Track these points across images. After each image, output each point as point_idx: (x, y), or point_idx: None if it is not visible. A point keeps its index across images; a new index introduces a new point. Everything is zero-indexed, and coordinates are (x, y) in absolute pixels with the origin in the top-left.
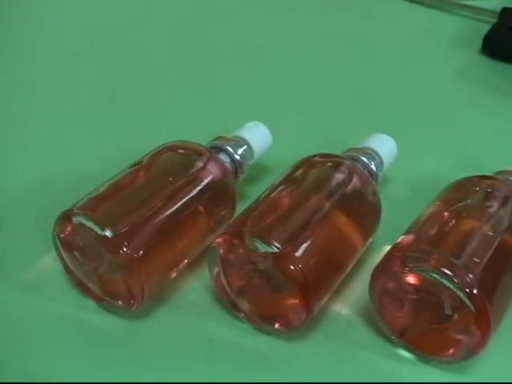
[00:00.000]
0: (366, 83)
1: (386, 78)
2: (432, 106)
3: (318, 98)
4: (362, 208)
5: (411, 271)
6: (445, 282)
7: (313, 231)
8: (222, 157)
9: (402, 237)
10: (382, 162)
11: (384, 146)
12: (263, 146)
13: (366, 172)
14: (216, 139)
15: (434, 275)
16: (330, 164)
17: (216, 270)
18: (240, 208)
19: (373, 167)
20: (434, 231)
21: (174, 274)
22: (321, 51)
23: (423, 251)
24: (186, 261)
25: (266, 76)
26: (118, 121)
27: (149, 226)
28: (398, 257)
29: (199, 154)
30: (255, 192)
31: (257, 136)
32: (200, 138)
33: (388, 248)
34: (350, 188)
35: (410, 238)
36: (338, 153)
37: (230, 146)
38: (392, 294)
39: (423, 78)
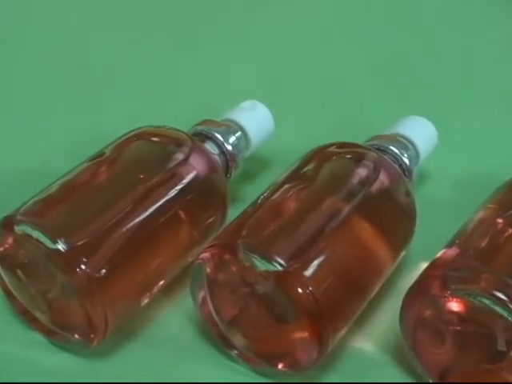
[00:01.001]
0: (395, 51)
1: (423, 45)
2: (483, 82)
3: (332, 70)
4: (392, 213)
5: (454, 295)
6: (498, 309)
7: (327, 243)
8: (209, 147)
9: (442, 251)
10: (417, 154)
11: (420, 132)
12: (263, 132)
13: (397, 166)
14: (201, 124)
15: (484, 300)
16: (349, 156)
17: (201, 294)
18: (233, 213)
19: (405, 160)
20: (484, 243)
21: (147, 300)
22: (335, 14)
23: (470, 269)
24: (162, 282)
25: (266, 45)
26: (74, 102)
27: (114, 238)
28: (438, 276)
29: (179, 144)
30: (252, 192)
31: (254, 119)
32: (180, 122)
33: (425, 265)
34: (375, 187)
35: (453, 251)
36: (359, 142)
37: (219, 133)
38: (430, 325)
39: (473, 46)
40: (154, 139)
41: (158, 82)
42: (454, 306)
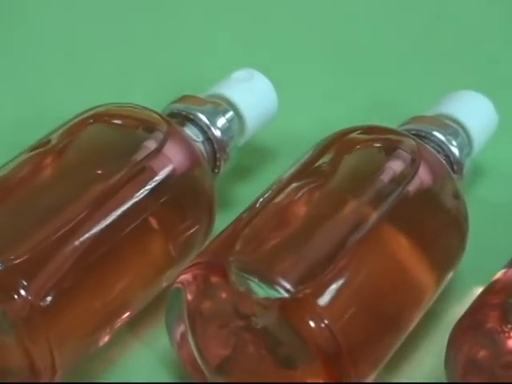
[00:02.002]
0: (441, 3)
1: None
2: None
3: (352, 31)
4: (435, 222)
5: None
6: None
7: (349, 262)
8: (191, 132)
9: (502, 271)
10: (470, 142)
11: (475, 113)
12: (263, 112)
13: (442, 159)
14: (180, 101)
15: None
16: (378, 145)
17: (180, 329)
18: (222, 221)
19: (454, 150)
20: None
21: (108, 338)
22: None
23: None
24: (127, 314)
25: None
26: (11, 75)
27: (63, 255)
28: (496, 305)
29: (150, 128)
30: (249, 193)
31: (251, 95)
32: (152, 99)
33: (479, 290)
34: (413, 187)
35: None
36: (391, 125)
37: (203, 114)
38: (484, 368)
39: None
40: (117, 122)
41: (123, 47)
42: None
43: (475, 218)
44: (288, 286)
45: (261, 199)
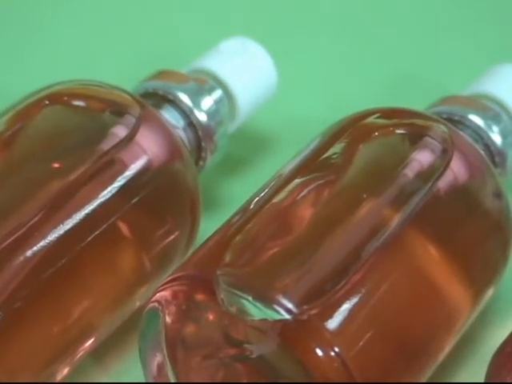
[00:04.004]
0: None
1: None
2: None
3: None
4: (471, 227)
5: None
6: None
7: (365, 276)
8: (169, 115)
9: None
10: None
11: None
12: (258, 91)
13: (481, 149)
14: (156, 77)
15: None
16: (401, 131)
17: (157, 359)
18: (208, 226)
19: (495, 138)
20: None
21: (67, 370)
22: None
23: None
24: (91, 341)
25: None
26: None
27: (11, 268)
28: None
29: (120, 111)
30: (241, 191)
31: (244, 69)
32: (122, 75)
33: None
34: (444, 184)
35: None
36: (418, 108)
37: (185, 93)
38: None
39: None
40: (78, 103)
41: (85, 13)
42: None
43: None
44: (290, 306)
45: (256, 199)
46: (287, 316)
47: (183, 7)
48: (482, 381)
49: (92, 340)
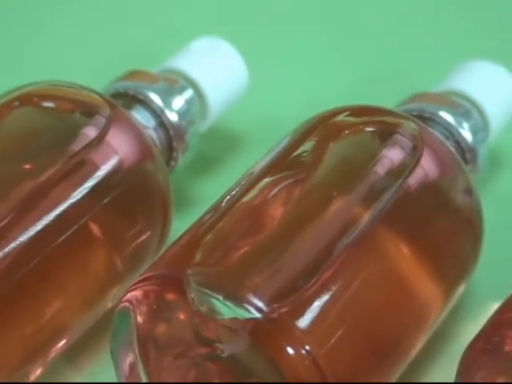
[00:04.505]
0: None
1: None
2: None
3: None
4: (442, 223)
5: None
6: None
7: (335, 274)
8: (140, 116)
9: None
10: (486, 125)
11: (492, 88)
12: (229, 90)
13: (451, 146)
14: (126, 77)
15: None
16: (371, 129)
17: (128, 359)
18: (180, 226)
19: (466, 135)
20: None
21: (40, 371)
22: None
23: None
24: (63, 343)
25: None
26: None
27: None
28: None
29: (90, 112)
30: (213, 190)
31: (215, 68)
32: (92, 75)
33: (496, 307)
34: (414, 181)
35: None
36: (387, 106)
37: (156, 93)
38: None
39: None
40: (48, 104)
41: (56, 12)
42: None
43: (492, 219)
44: (260, 305)
45: (227, 197)
46: (258, 315)
47: (154, 8)
48: (454, 376)
49: (65, 340)
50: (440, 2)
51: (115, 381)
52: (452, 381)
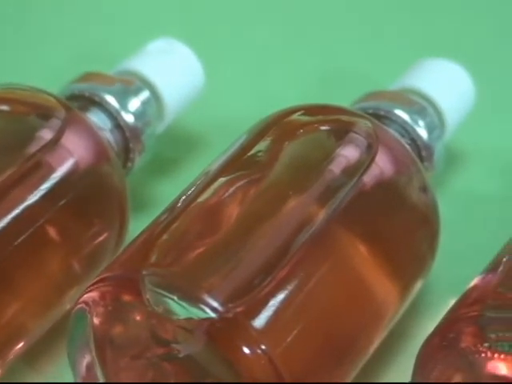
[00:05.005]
0: None
1: None
2: None
3: None
4: (398, 221)
5: (496, 350)
6: None
7: (291, 273)
8: (96, 118)
9: (478, 277)
10: (442, 123)
11: (447, 85)
12: (185, 91)
13: (406, 143)
14: (81, 80)
15: None
16: (325, 128)
17: (86, 360)
18: (137, 227)
19: (422, 133)
20: None
21: None
22: None
23: None
24: (21, 345)
25: None
26: None
27: None
28: (471, 320)
29: (45, 114)
30: (170, 191)
31: (171, 69)
32: (48, 77)
33: (451, 302)
34: (369, 179)
35: (494, 279)
36: (343, 104)
37: (112, 95)
38: None
39: None
40: (3, 107)
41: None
42: (497, 366)
43: (448, 216)
44: (215, 304)
45: (183, 197)
46: (213, 314)
47: (110, 9)
48: (410, 371)
49: (23, 342)
50: (394, 3)
51: (73, 381)
52: (409, 377)
